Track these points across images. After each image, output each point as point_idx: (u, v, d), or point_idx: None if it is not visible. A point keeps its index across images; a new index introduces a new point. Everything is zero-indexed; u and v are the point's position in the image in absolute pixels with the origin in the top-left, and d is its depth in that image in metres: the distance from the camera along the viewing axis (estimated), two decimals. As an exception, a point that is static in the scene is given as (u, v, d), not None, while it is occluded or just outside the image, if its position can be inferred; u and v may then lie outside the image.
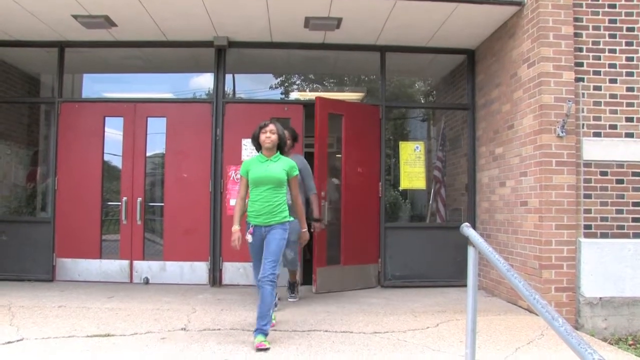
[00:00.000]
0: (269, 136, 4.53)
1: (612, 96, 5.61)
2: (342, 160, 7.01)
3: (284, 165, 4.47)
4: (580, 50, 5.59)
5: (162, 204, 7.18)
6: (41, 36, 6.90)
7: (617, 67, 5.62)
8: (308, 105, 7.26)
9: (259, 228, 4.40)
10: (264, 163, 4.46)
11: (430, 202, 8.02)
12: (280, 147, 4.61)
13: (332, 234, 6.83)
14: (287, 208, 4.48)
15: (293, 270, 6.12)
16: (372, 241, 7.07)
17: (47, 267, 6.98)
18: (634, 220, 5.55)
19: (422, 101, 9.94)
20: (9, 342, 4.11)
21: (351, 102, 7.41)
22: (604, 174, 5.55)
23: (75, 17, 6.22)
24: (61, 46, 7.19)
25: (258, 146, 4.58)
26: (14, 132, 8.18)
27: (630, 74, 5.63)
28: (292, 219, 4.53)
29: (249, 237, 4.40)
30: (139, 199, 7.04)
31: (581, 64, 5.59)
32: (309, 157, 6.58)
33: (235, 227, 4.47)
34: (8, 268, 6.88)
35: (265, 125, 4.57)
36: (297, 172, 4.53)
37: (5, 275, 6.82)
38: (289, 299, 6.06)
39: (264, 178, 4.37)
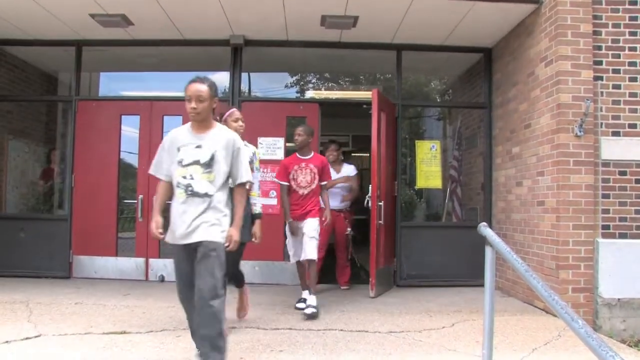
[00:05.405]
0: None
1: (632, 95, 5.51)
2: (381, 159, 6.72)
3: None
4: (599, 48, 5.50)
5: (178, 202, 7.15)
6: (59, 35, 6.96)
7: (638, 65, 5.51)
8: (323, 104, 7.23)
9: None
10: None
11: (446, 201, 7.98)
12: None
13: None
14: None
15: None
16: (388, 240, 7.03)
17: (64, 264, 7.04)
18: (654, 220, 5.45)
19: (438, 100, 9.90)
20: (27, 338, 4.15)
21: (387, 98, 7.18)
22: (622, 173, 5.46)
23: (92, 15, 6.26)
24: (78, 45, 7.24)
25: None
26: (32, 130, 8.29)
27: (651, 73, 5.53)
28: None
29: None
30: (155, 197, 7.04)
31: (600, 62, 5.49)
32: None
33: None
34: (26, 265, 6.95)
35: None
36: None
37: (23, 272, 6.88)
38: None
39: None
